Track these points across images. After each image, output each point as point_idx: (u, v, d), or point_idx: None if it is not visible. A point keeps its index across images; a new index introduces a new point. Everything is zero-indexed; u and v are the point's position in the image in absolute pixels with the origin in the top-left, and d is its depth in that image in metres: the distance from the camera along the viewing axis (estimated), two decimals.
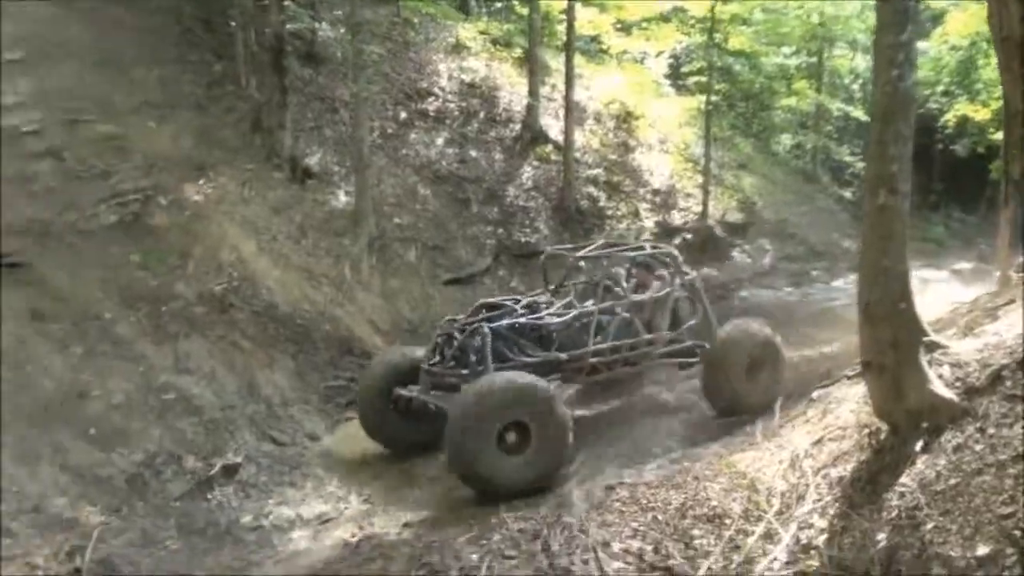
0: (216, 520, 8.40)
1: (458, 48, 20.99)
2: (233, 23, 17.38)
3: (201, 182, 14.44)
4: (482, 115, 19.37)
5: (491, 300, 10.99)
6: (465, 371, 9.34)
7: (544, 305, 10.61)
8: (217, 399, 10.28)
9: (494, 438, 8.28)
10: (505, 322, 9.81)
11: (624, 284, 10.74)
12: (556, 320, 10.11)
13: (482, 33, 21.41)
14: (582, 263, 11.07)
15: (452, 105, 19.34)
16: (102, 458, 8.62)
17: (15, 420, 8.39)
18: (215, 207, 13.97)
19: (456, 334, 9.75)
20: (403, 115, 18.40)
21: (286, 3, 16.79)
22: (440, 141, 18.35)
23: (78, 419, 8.91)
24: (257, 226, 14.06)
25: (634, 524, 6.47)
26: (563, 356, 9.82)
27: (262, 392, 10.93)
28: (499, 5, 25.50)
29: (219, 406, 10.19)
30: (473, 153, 18.38)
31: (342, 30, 17.56)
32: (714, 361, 10.86)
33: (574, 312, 10.26)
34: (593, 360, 10.08)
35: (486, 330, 9.48)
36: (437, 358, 9.81)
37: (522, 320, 9.97)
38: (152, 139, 14.50)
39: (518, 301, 10.70)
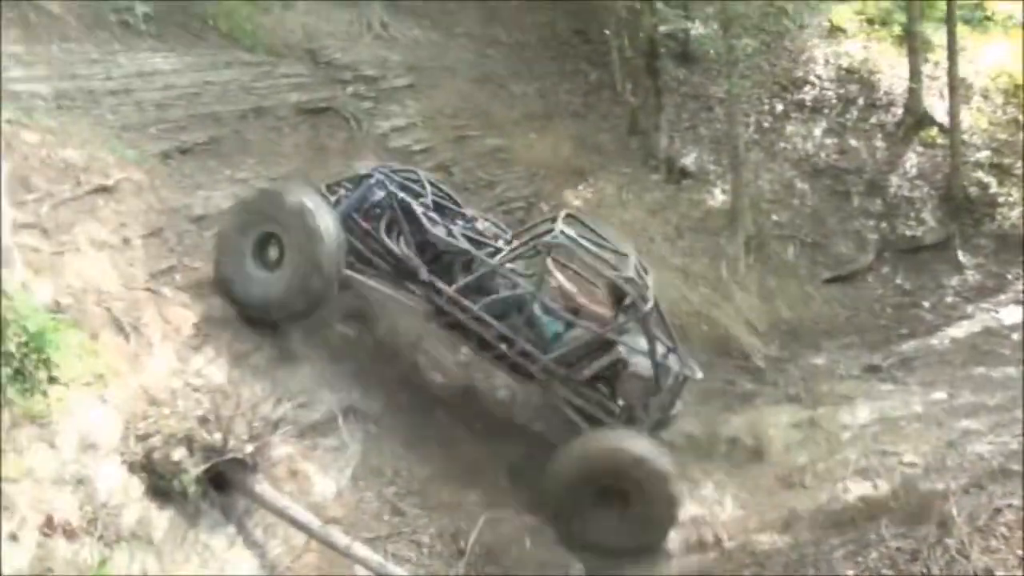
0: None
1: (833, 32, 20.04)
2: (607, 31, 17.93)
3: (580, 187, 15.12)
4: (861, 101, 18.30)
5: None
6: None
7: (468, 223, 9.44)
8: None
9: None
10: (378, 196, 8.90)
11: (552, 275, 8.90)
12: (440, 234, 8.83)
13: (858, 14, 20.29)
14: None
15: (829, 93, 18.49)
16: (486, 451, 9.22)
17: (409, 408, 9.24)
18: (594, 211, 14.43)
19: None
20: (779, 107, 17.90)
21: (658, 5, 17.00)
22: (818, 132, 17.61)
23: (466, 412, 9.64)
24: (634, 227, 14.33)
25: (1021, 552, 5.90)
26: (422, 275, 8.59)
27: None
28: None
29: None
30: (852, 142, 17.44)
31: (715, 26, 17.43)
32: (552, 474, 8.30)
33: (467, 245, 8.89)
34: (445, 305, 8.56)
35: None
36: None
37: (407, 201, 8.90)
38: (533, 149, 15.37)
39: (443, 201, 9.58)
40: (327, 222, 7.98)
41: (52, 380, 5.84)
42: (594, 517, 8.03)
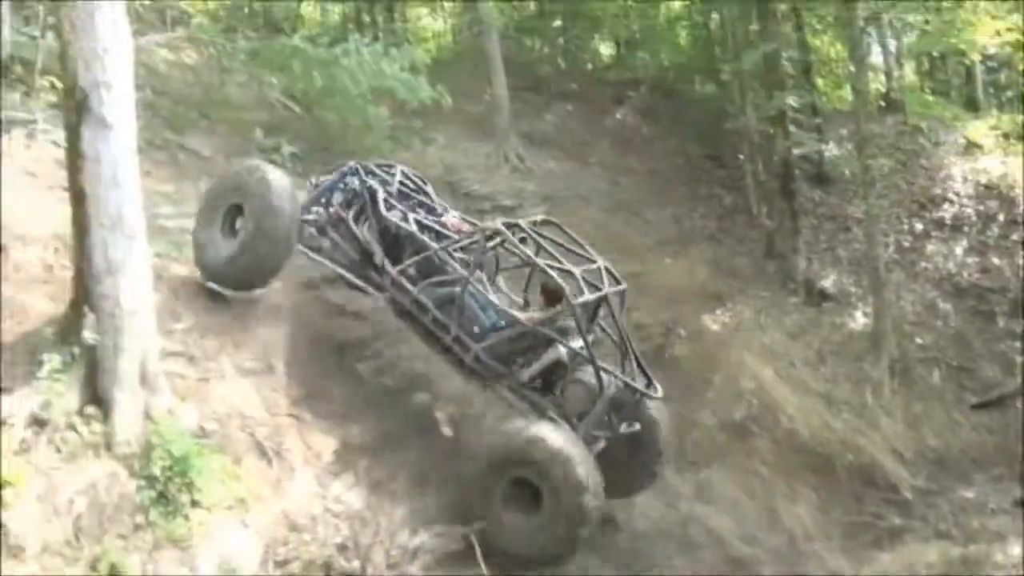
0: None
1: (970, 148, 19.81)
2: (740, 155, 18.26)
3: (718, 312, 15.19)
4: (1001, 217, 17.84)
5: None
6: None
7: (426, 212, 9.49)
8: (738, 529, 10.45)
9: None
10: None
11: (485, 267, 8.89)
12: (394, 218, 8.98)
13: (993, 129, 20.01)
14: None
15: (969, 210, 18.14)
16: None
17: None
18: (733, 335, 14.55)
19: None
20: (918, 226, 17.68)
21: (792, 129, 17.26)
22: (959, 250, 17.26)
23: (603, 545, 9.68)
24: (774, 352, 14.31)
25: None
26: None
27: (784, 524, 10.99)
28: (1009, 94, 23.74)
29: (741, 537, 10.40)
30: (995, 260, 16.98)
31: (849, 147, 17.55)
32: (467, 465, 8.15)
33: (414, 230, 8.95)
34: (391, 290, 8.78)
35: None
36: None
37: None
38: (669, 274, 15.55)
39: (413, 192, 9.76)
40: (284, 198, 8.44)
41: (195, 504, 6.17)
42: (505, 517, 7.66)
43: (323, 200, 9.56)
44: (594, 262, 8.85)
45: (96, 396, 6.17)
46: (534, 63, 23.78)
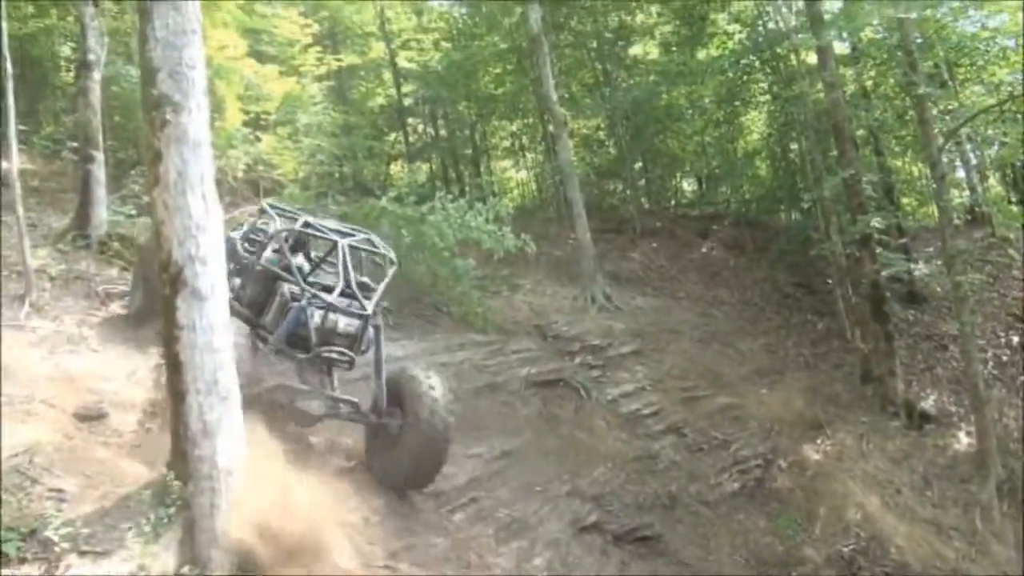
0: None
1: None
2: (830, 280, 18.26)
3: (818, 441, 14.95)
4: None
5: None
6: None
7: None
8: None
9: None
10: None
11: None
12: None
13: None
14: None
15: None
16: None
17: None
18: (835, 464, 14.29)
19: None
20: (1015, 339, 17.30)
21: (878, 250, 17.25)
22: None
23: None
24: (879, 480, 13.99)
25: None
26: None
27: None
28: None
29: None
30: None
31: (938, 264, 17.41)
32: None
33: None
34: None
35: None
36: None
37: None
38: (765, 404, 15.47)
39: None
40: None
41: None
42: None
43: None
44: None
45: (193, 556, 6.35)
46: (617, 205, 24.38)
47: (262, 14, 20.76)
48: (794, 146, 22.29)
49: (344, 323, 9.09)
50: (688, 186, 28.77)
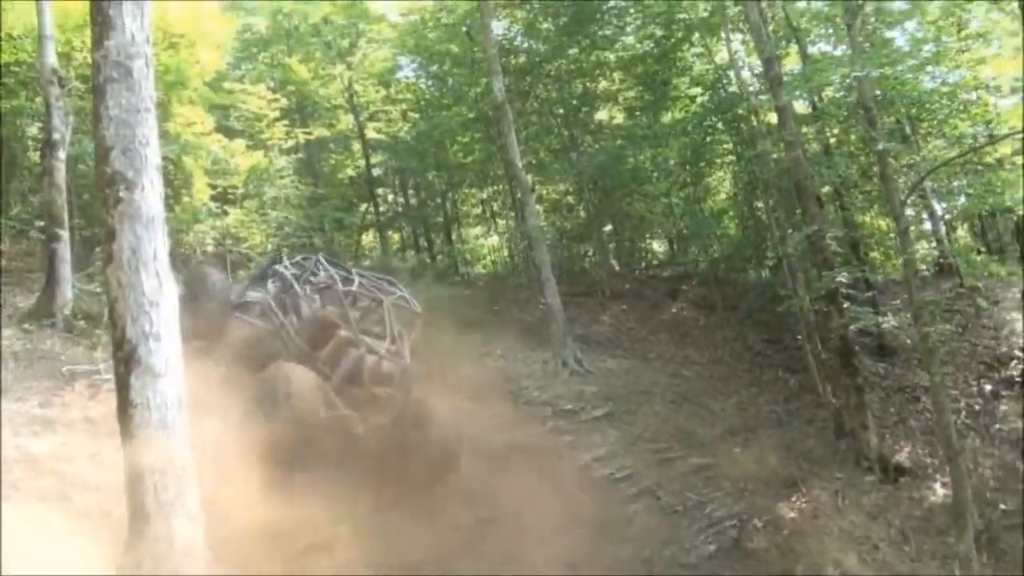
0: None
1: None
2: (799, 337, 18.33)
3: (793, 498, 14.85)
4: None
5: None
6: None
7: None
8: None
9: None
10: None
11: None
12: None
13: None
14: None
15: None
16: None
17: None
18: (811, 522, 14.21)
19: None
20: (987, 387, 17.40)
21: (846, 304, 17.38)
22: None
23: None
24: (855, 536, 13.93)
25: None
26: None
27: None
28: None
29: None
30: None
31: (906, 316, 17.53)
32: None
33: None
34: None
35: None
36: None
37: None
38: (739, 463, 15.42)
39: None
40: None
41: None
42: None
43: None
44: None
45: None
46: (587, 268, 24.51)
47: (229, 90, 20.95)
48: (760, 204, 22.54)
49: (388, 367, 11.44)
50: (658, 247, 28.98)
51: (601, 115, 26.61)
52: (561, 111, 25.40)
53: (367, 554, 9.70)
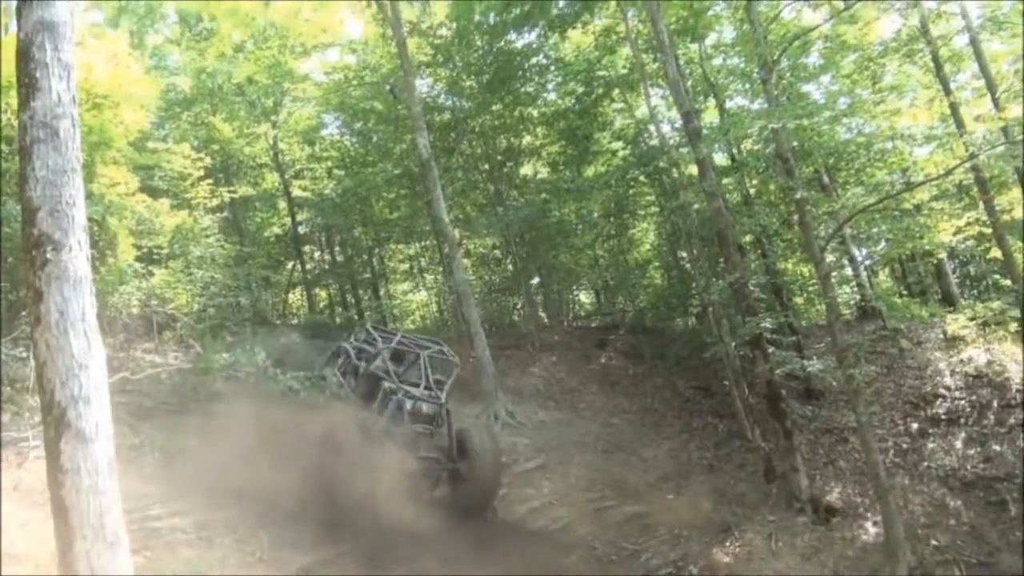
0: None
1: (952, 342, 20.20)
2: (727, 382, 18.54)
3: (727, 543, 14.87)
4: (996, 404, 17.89)
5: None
6: None
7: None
8: None
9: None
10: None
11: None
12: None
13: (971, 320, 20.42)
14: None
15: (962, 402, 18.19)
16: None
17: None
18: (745, 565, 14.21)
19: None
20: (914, 426, 17.68)
21: (771, 349, 17.64)
22: (958, 444, 17.14)
23: None
24: None
25: None
26: None
27: None
28: (983, 285, 24.40)
29: None
30: (996, 448, 16.87)
31: (831, 359, 17.82)
32: None
33: None
34: None
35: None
36: None
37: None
38: (673, 510, 15.44)
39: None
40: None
41: None
42: None
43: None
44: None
45: None
46: (516, 321, 24.57)
47: (153, 150, 20.69)
48: (683, 254, 22.90)
49: (426, 408, 13.64)
50: (585, 298, 29.23)
51: (526, 169, 26.92)
52: (486, 166, 25.63)
53: None
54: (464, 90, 24.45)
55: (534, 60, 24.19)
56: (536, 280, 26.37)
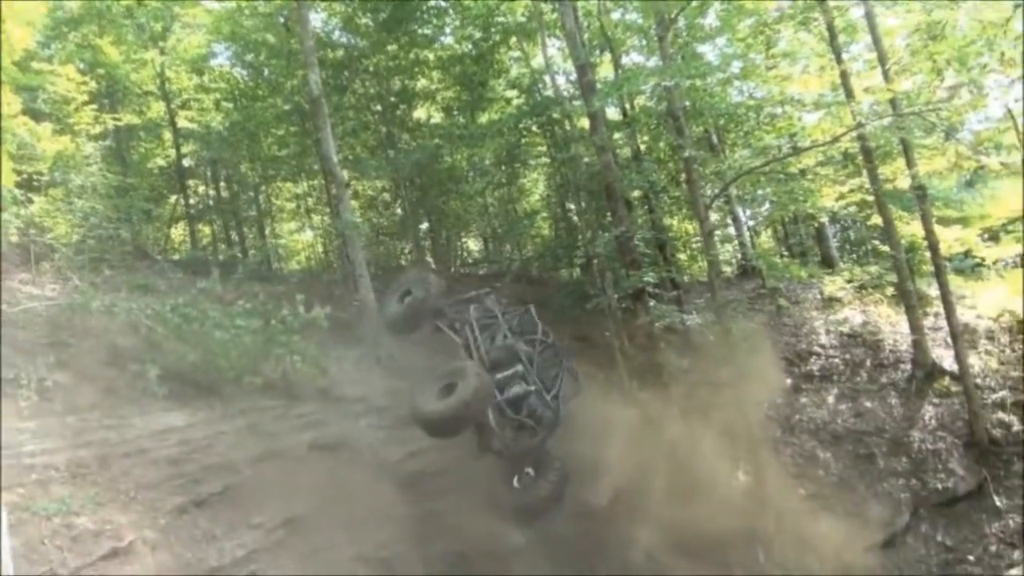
0: None
1: (829, 303, 20.91)
2: (607, 333, 18.82)
3: None
4: (868, 363, 18.64)
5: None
6: None
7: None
8: None
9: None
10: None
11: None
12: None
13: (849, 282, 21.14)
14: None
15: (836, 360, 18.95)
16: None
17: None
18: None
19: None
20: (788, 381, 18.32)
21: (652, 303, 17.96)
22: (831, 399, 17.87)
23: None
24: None
25: None
26: None
27: None
28: (866, 248, 25.21)
29: None
30: (867, 404, 17.57)
31: (709, 315, 18.24)
32: None
33: None
34: None
35: None
36: None
37: None
38: None
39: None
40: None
41: None
42: None
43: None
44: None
45: None
46: (404, 265, 24.39)
47: (37, 71, 19.61)
48: (571, 206, 23.05)
49: (542, 411, 14.00)
50: (473, 245, 29.21)
51: (419, 113, 26.56)
52: (379, 107, 25.20)
53: None
54: (359, 28, 23.87)
55: (432, 1, 23.78)
56: (425, 225, 26.22)
